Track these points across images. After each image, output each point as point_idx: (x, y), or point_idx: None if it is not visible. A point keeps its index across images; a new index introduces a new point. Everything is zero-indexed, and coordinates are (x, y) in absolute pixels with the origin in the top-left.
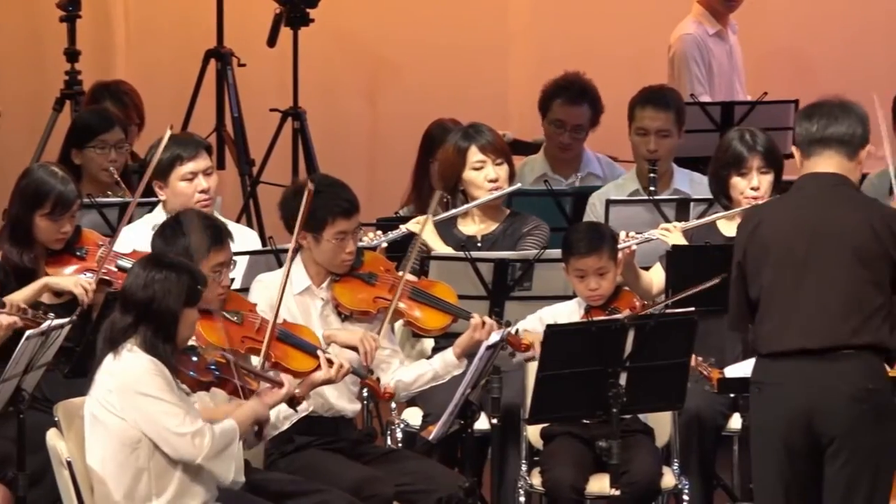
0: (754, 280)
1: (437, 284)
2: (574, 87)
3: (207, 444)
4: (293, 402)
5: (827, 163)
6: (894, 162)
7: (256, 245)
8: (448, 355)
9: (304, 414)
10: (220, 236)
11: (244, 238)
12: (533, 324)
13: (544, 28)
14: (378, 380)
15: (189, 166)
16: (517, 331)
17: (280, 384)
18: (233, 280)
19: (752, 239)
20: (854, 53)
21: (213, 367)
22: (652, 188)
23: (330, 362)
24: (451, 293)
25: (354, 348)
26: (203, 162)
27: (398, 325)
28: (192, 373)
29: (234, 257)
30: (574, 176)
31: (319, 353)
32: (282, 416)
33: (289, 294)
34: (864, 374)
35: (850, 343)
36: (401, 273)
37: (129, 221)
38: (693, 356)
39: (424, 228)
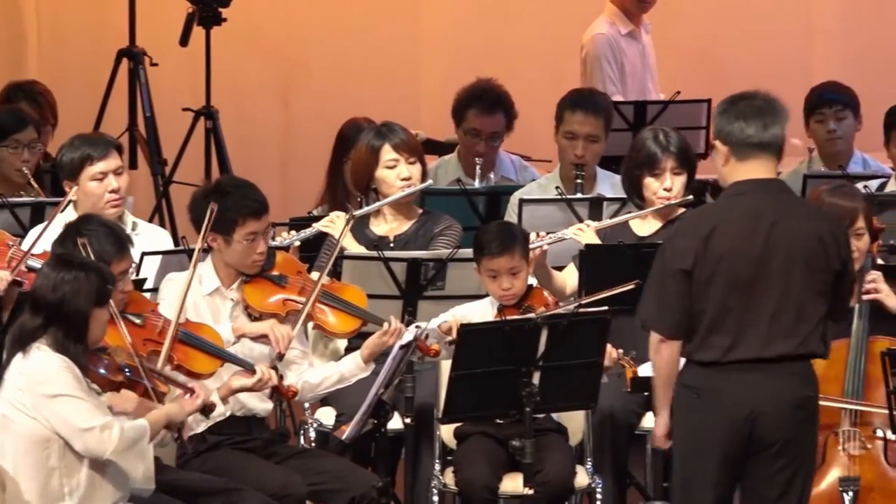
0: (703, 289)
1: (347, 288)
2: (488, 96)
3: (115, 438)
4: (206, 410)
5: (765, 167)
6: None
7: (169, 245)
8: (355, 359)
9: (220, 418)
10: (122, 245)
11: (156, 238)
12: (443, 316)
13: (457, 28)
14: (281, 377)
15: (99, 166)
16: (426, 336)
17: (191, 390)
18: (145, 280)
19: (704, 247)
20: (765, 53)
21: (124, 368)
22: (580, 182)
23: (252, 371)
24: (361, 297)
25: (265, 337)
26: (114, 161)
27: (310, 325)
28: (102, 371)
29: (148, 257)
30: (488, 178)
31: (257, 367)
32: (199, 418)
33: (199, 295)
34: (804, 382)
35: (796, 353)
36: (313, 275)
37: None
38: (614, 350)
39: (343, 230)
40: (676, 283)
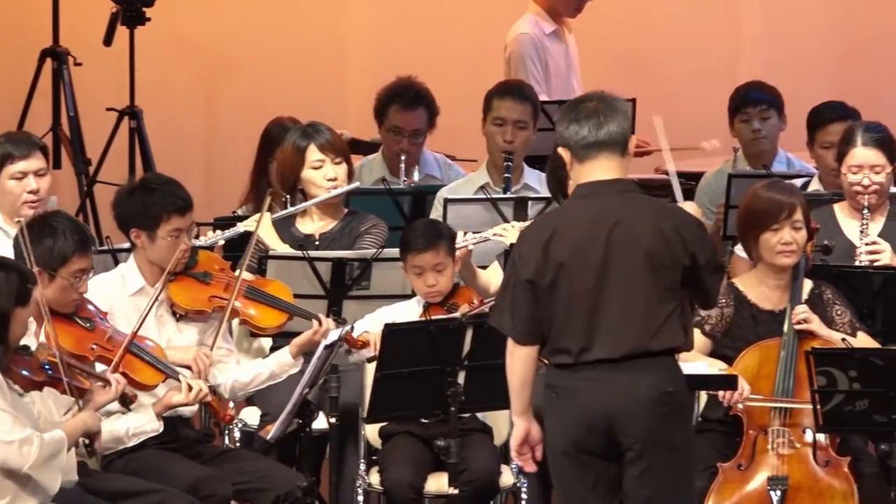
0: (548, 295)
1: (272, 283)
2: (408, 93)
3: (35, 453)
4: (125, 400)
5: (605, 166)
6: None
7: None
8: (284, 354)
9: (153, 434)
10: (85, 243)
11: None
12: (372, 323)
13: (382, 27)
14: (219, 397)
15: (20, 165)
16: (352, 328)
17: (107, 381)
18: None
19: (544, 254)
20: (690, 53)
21: (45, 366)
22: (507, 175)
23: (189, 387)
24: (286, 291)
25: (188, 367)
26: (35, 162)
27: (234, 323)
28: (24, 372)
29: None
30: (413, 174)
31: (182, 378)
32: (130, 433)
33: (123, 296)
34: (663, 378)
35: (649, 349)
36: (237, 272)
37: None
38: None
39: (260, 226)
40: (522, 291)
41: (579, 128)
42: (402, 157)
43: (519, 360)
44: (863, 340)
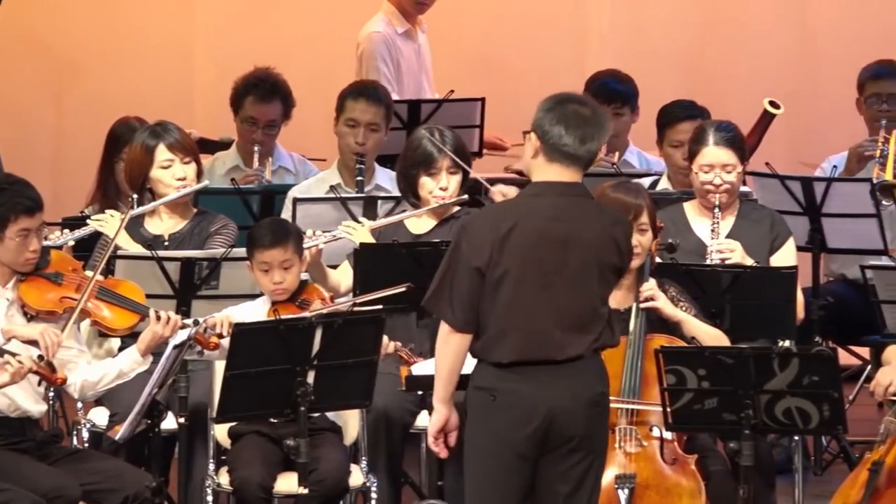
0: (497, 287)
1: (123, 283)
2: (265, 84)
3: None
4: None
5: (568, 172)
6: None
7: None
8: (132, 353)
9: None
10: (34, 205)
11: None
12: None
13: (229, 26)
14: (49, 365)
15: None
16: (205, 329)
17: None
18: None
19: (501, 246)
20: (539, 52)
21: None
22: (360, 178)
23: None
24: (138, 292)
25: (35, 343)
26: None
27: (84, 324)
28: None
29: None
30: (261, 166)
31: (13, 359)
32: None
33: None
34: (598, 379)
35: (587, 350)
36: (88, 272)
37: None
38: (393, 343)
39: (111, 228)
40: (470, 279)
41: (564, 133)
42: (256, 148)
43: (452, 347)
44: (713, 336)
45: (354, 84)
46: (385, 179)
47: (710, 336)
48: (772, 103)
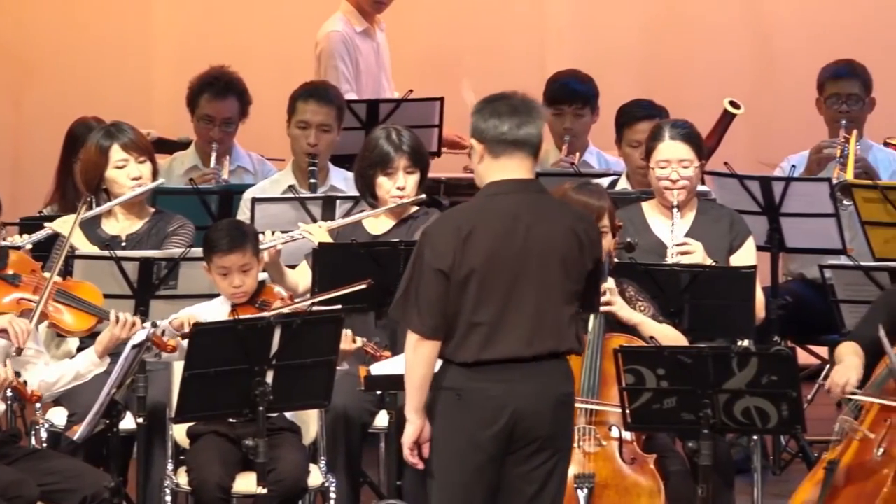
0: (462, 289)
1: (81, 285)
2: (220, 82)
3: None
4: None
5: (519, 165)
6: None
7: None
8: (90, 354)
9: None
10: None
11: None
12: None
13: (188, 26)
14: (25, 383)
15: None
16: (163, 332)
17: None
18: None
19: (463, 248)
20: (498, 51)
21: None
22: (313, 180)
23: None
24: (96, 294)
25: (3, 331)
26: None
27: (42, 325)
28: None
29: None
30: (218, 164)
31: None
32: None
33: None
34: (564, 379)
35: (555, 350)
36: (47, 274)
37: None
38: (359, 339)
39: (69, 230)
40: (435, 284)
41: (499, 122)
42: (214, 146)
43: (422, 356)
44: (670, 338)
45: (305, 85)
46: (339, 180)
47: (668, 338)
48: (732, 103)
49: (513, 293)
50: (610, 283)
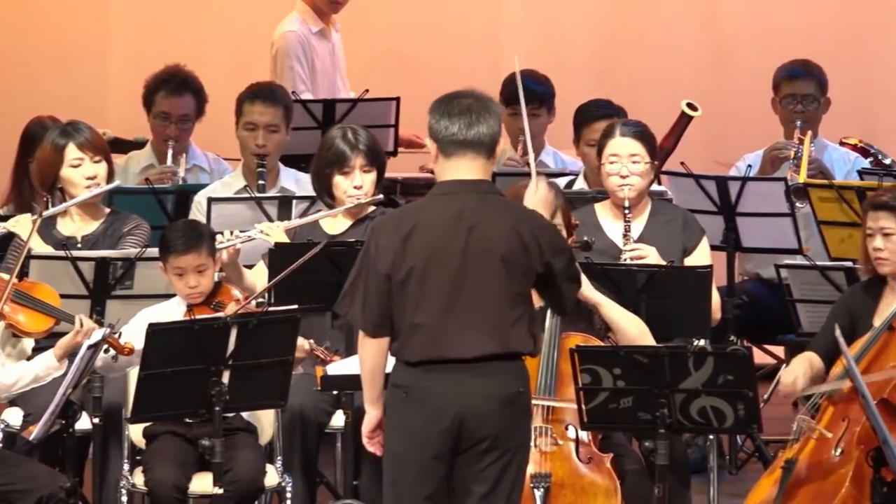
0: (403, 289)
1: (39, 286)
2: (176, 79)
3: None
4: None
5: (470, 166)
6: None
7: None
8: (48, 357)
9: None
10: None
11: None
12: (136, 324)
13: (144, 26)
14: None
15: None
16: (119, 334)
17: None
18: None
19: (403, 247)
20: (454, 50)
21: None
22: (262, 182)
23: None
24: (53, 295)
25: None
26: None
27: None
28: None
29: None
30: (174, 162)
31: None
32: None
33: None
34: (514, 378)
35: (500, 352)
36: (3, 275)
37: None
38: (310, 342)
39: (23, 230)
40: (377, 283)
41: (450, 123)
42: (171, 144)
43: (368, 351)
44: (633, 320)
45: (251, 87)
46: (290, 181)
47: (630, 320)
48: (690, 105)
49: (454, 294)
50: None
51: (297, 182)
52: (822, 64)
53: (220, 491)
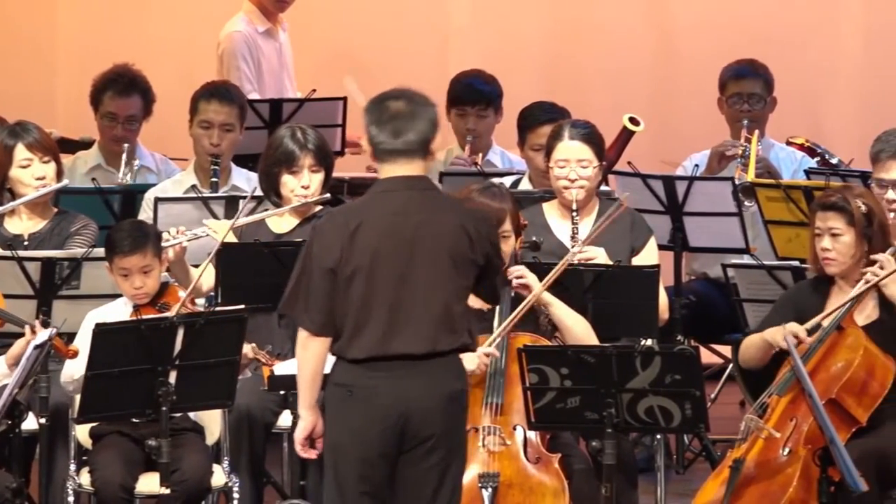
0: (349, 286)
1: None
2: (123, 79)
3: None
4: None
5: (404, 168)
6: None
7: None
8: (0, 364)
9: None
10: None
11: None
12: (88, 326)
13: (91, 25)
14: None
15: None
16: (67, 338)
17: None
18: None
19: (350, 244)
20: (401, 50)
21: None
22: (215, 179)
23: None
24: None
25: None
26: None
27: None
28: None
29: None
30: (127, 167)
31: None
32: None
33: None
34: (456, 376)
35: (447, 348)
36: None
37: None
38: (251, 346)
39: None
40: (322, 281)
41: (378, 132)
42: (124, 146)
43: (312, 352)
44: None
45: (206, 85)
46: (242, 180)
47: (576, 319)
48: (632, 120)
49: (402, 289)
50: (518, 267)
51: (248, 181)
52: (769, 63)
53: (167, 491)
